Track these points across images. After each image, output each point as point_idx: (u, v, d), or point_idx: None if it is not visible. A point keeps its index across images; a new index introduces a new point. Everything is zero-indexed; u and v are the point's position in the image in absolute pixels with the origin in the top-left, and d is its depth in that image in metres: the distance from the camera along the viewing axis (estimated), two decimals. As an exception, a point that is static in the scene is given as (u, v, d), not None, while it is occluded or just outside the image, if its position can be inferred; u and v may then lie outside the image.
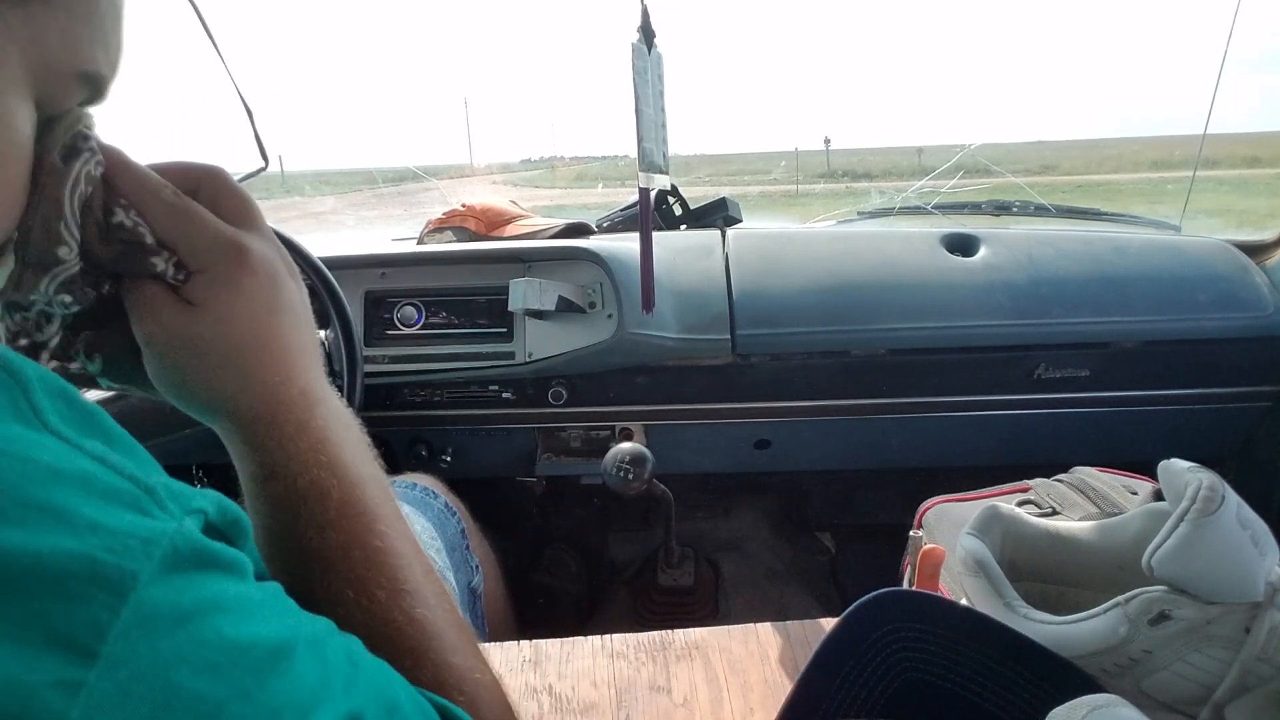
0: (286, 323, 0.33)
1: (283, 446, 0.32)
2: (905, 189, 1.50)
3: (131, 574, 0.19)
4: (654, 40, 0.88)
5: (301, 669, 0.23)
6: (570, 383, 1.12)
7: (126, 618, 0.18)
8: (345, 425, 0.35)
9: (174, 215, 0.30)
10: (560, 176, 7.26)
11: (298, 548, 0.31)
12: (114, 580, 0.18)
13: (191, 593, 0.20)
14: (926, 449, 1.22)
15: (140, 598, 0.19)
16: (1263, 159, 3.86)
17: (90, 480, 0.20)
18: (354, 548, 0.31)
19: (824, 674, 0.43)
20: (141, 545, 0.19)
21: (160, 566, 0.20)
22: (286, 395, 0.33)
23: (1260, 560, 0.39)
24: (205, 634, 0.20)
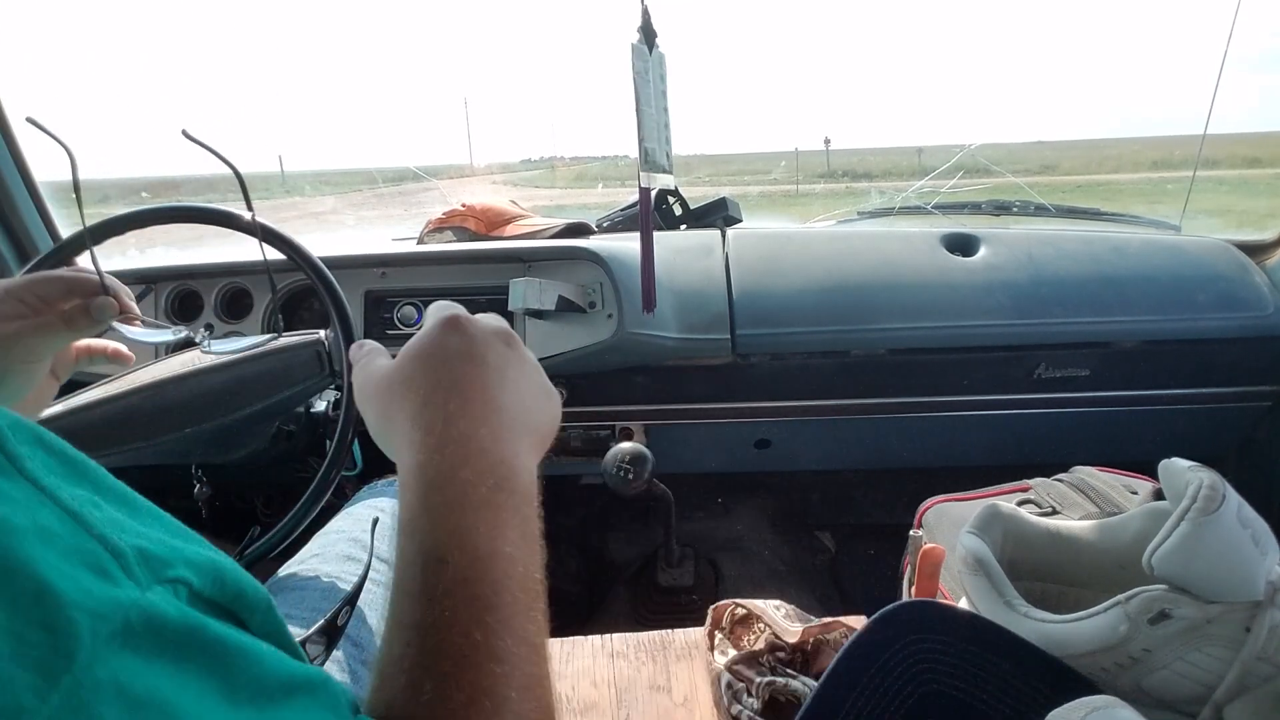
0: (475, 374, 0.34)
1: (421, 498, 0.30)
2: (905, 189, 1.50)
3: (66, 654, 0.16)
4: (655, 40, 0.88)
5: None
6: (570, 382, 1.12)
7: (54, 705, 0.16)
8: (503, 497, 0.31)
9: None
10: (560, 176, 7.24)
11: (402, 614, 0.28)
12: (44, 661, 0.16)
13: (147, 677, 0.17)
14: (926, 449, 1.22)
15: (76, 681, 0.16)
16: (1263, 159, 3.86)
17: (51, 537, 0.18)
18: (450, 630, 0.27)
19: (844, 682, 0.43)
20: (88, 619, 0.17)
21: (108, 643, 0.17)
22: (445, 436, 0.31)
23: (1260, 559, 0.39)
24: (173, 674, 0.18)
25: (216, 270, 1.13)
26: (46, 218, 1.21)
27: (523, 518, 0.32)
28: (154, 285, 1.13)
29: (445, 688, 0.26)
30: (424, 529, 0.29)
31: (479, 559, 0.29)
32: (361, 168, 2.54)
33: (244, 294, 1.14)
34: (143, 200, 1.33)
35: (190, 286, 1.14)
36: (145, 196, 2.29)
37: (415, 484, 0.31)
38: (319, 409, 0.90)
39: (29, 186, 1.18)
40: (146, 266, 1.14)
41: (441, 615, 0.27)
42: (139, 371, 0.77)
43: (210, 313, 1.12)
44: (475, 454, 0.31)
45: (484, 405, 0.33)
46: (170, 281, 1.13)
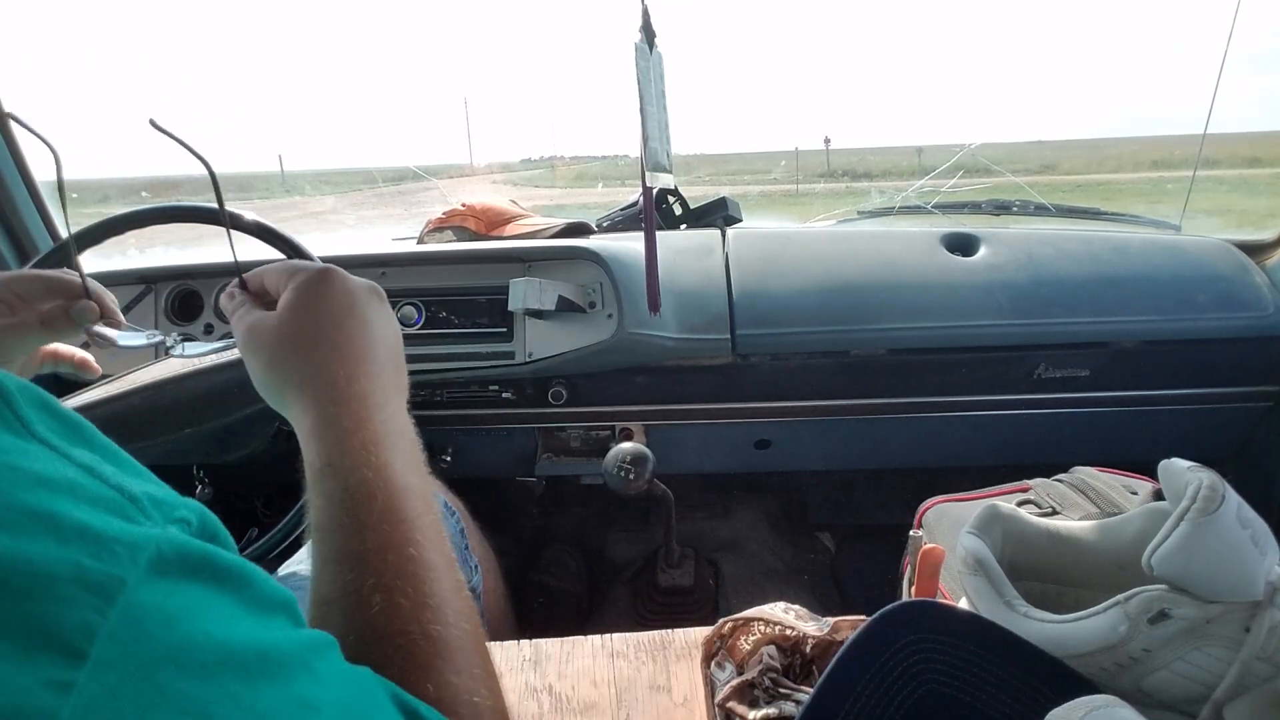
0: (359, 331, 0.39)
1: (339, 441, 0.35)
2: (905, 189, 1.50)
3: (118, 579, 0.19)
4: (655, 40, 0.88)
5: (293, 679, 0.23)
6: (570, 383, 1.12)
7: (114, 620, 0.18)
8: (401, 434, 0.37)
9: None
10: (560, 176, 7.25)
11: (340, 545, 0.33)
12: (101, 584, 0.19)
13: (179, 596, 0.21)
14: (926, 449, 1.22)
15: (128, 601, 0.19)
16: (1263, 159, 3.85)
17: (77, 488, 0.20)
18: (389, 553, 0.32)
19: (844, 682, 0.43)
20: (128, 551, 0.20)
21: (147, 571, 0.20)
22: (347, 393, 0.36)
23: (1260, 560, 0.39)
24: (193, 636, 0.20)
25: (216, 270, 1.13)
26: (46, 218, 1.21)
27: (415, 447, 0.38)
28: (154, 285, 1.13)
29: (393, 596, 0.31)
30: (347, 469, 0.34)
31: (399, 491, 0.34)
32: (361, 168, 2.54)
33: (244, 294, 1.14)
34: (143, 200, 1.33)
35: (190, 286, 1.14)
36: (145, 196, 2.29)
37: (329, 432, 0.36)
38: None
39: (29, 186, 1.18)
40: (146, 266, 1.14)
41: (379, 540, 0.32)
42: (139, 372, 0.77)
43: (210, 313, 1.12)
44: (375, 406, 0.37)
45: (370, 362, 0.39)
46: (170, 281, 1.13)
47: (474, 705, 0.31)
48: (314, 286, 0.40)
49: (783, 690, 0.54)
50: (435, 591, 0.32)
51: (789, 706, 0.53)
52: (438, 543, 0.34)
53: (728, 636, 0.61)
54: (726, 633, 0.61)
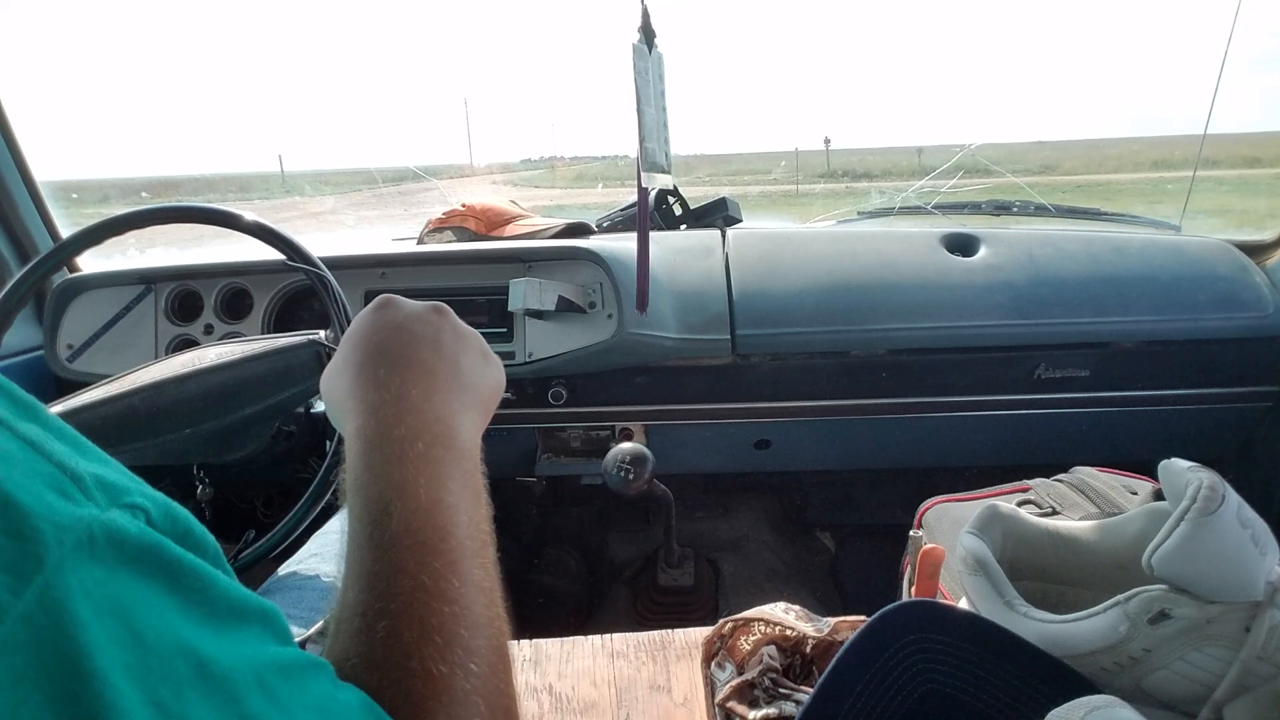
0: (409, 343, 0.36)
1: (363, 458, 0.32)
2: (905, 189, 1.50)
3: (36, 557, 0.18)
4: (654, 40, 0.88)
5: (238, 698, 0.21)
6: (570, 383, 1.12)
7: (28, 601, 0.17)
8: (453, 456, 0.34)
9: None
10: (560, 176, 7.25)
11: (355, 561, 0.30)
12: (15, 562, 0.17)
13: (110, 586, 0.19)
14: (926, 449, 1.22)
15: (46, 582, 0.17)
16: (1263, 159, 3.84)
17: (12, 459, 0.19)
18: (400, 577, 0.29)
19: (844, 682, 0.43)
20: (53, 529, 0.18)
21: (73, 552, 0.18)
22: (382, 408, 0.34)
23: (1260, 560, 0.39)
24: (118, 631, 0.19)
25: (216, 270, 1.13)
26: (46, 218, 1.21)
27: (463, 471, 0.34)
28: (154, 285, 1.13)
29: (396, 626, 0.28)
30: (367, 484, 0.31)
31: (421, 509, 0.31)
32: (361, 168, 2.54)
33: (244, 294, 1.14)
34: (142, 200, 1.33)
35: (190, 287, 1.14)
36: (145, 196, 2.28)
37: (357, 445, 0.33)
38: (319, 409, 0.90)
39: (29, 186, 1.18)
40: (146, 266, 1.14)
41: (390, 562, 0.29)
42: (139, 372, 0.77)
43: (210, 313, 1.12)
44: (408, 412, 0.34)
45: (416, 368, 0.36)
46: (170, 281, 1.13)
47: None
48: (364, 313, 0.39)
49: (783, 690, 0.54)
50: (445, 627, 0.29)
51: (789, 706, 0.53)
52: (463, 568, 0.30)
53: (728, 636, 0.61)
54: (727, 633, 0.61)
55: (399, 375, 0.35)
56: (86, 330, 1.12)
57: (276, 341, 0.80)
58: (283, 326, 1.14)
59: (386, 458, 0.32)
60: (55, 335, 1.11)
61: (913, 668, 0.42)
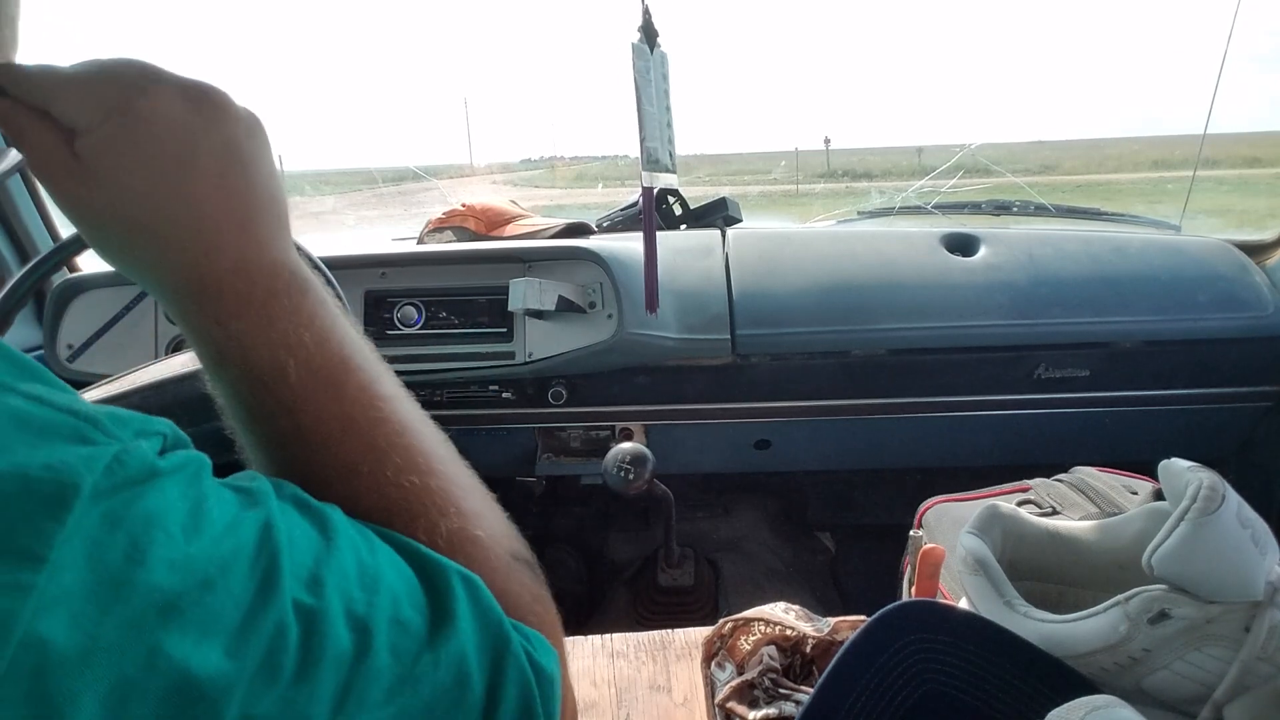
0: (203, 180, 0.27)
1: (221, 325, 0.28)
2: (905, 189, 1.50)
3: (73, 485, 0.19)
4: (657, 40, 0.88)
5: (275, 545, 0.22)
6: (570, 383, 1.12)
7: (71, 525, 0.18)
8: (306, 298, 0.30)
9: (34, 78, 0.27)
10: (560, 176, 7.25)
11: (267, 434, 0.29)
12: (54, 494, 0.18)
13: (144, 501, 0.20)
14: (926, 449, 1.22)
15: (84, 507, 0.19)
16: (1263, 159, 3.85)
17: (24, 417, 0.19)
18: (331, 423, 0.29)
19: (844, 682, 0.43)
20: (83, 461, 0.19)
21: (104, 476, 0.19)
22: (215, 269, 0.28)
23: (1260, 559, 0.39)
24: (158, 535, 0.20)
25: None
26: (46, 218, 1.21)
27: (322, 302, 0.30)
28: (154, 285, 1.13)
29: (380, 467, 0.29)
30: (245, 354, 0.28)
31: (313, 354, 0.29)
32: (361, 168, 2.54)
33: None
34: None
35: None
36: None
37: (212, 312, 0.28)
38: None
39: (29, 187, 1.18)
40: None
41: (311, 413, 0.29)
42: (139, 372, 0.77)
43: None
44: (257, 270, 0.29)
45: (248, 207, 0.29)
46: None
47: (475, 539, 0.30)
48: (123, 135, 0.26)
49: (783, 690, 0.54)
50: (393, 443, 0.29)
51: (789, 707, 0.53)
52: (386, 389, 0.31)
53: (728, 636, 0.61)
54: (726, 633, 0.61)
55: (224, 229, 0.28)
56: (86, 330, 1.12)
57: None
58: (283, 326, 1.14)
59: (259, 323, 0.28)
60: (55, 335, 1.11)
61: (913, 668, 0.42)
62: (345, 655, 0.22)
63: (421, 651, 0.24)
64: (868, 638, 0.44)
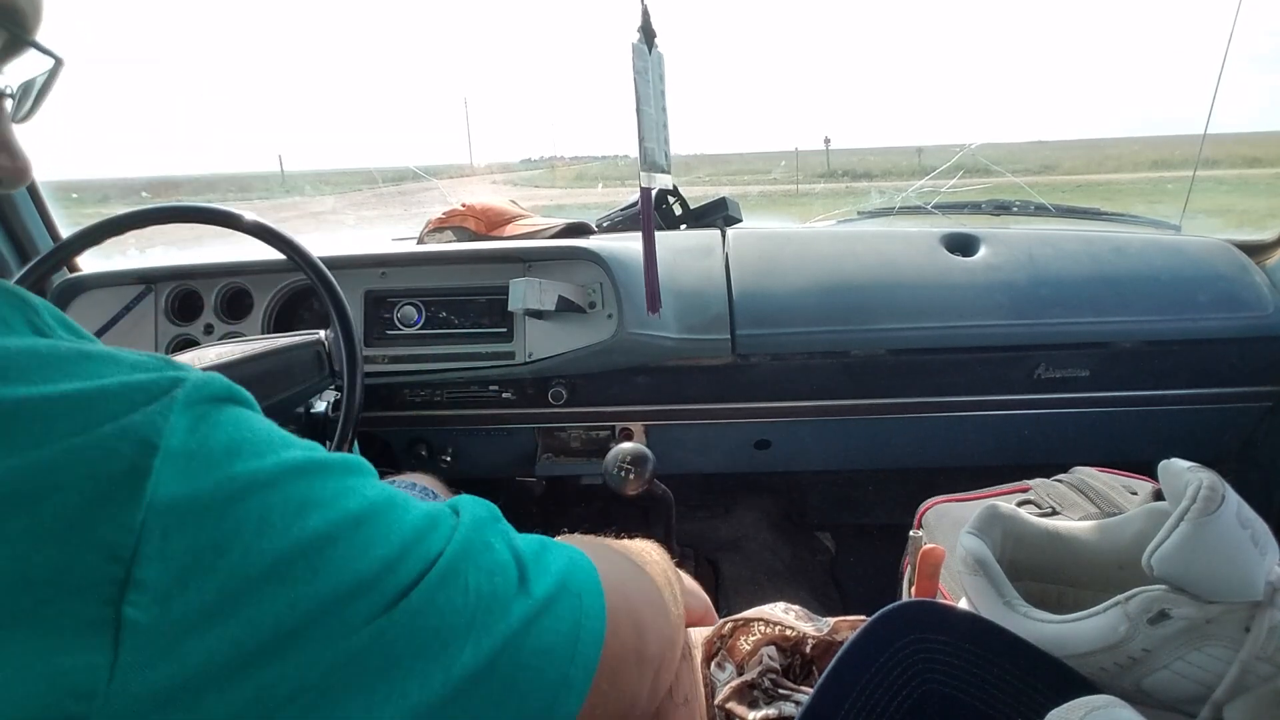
0: None
1: None
2: (905, 189, 1.50)
3: (174, 380, 0.24)
4: (654, 40, 0.88)
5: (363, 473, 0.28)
6: (570, 383, 1.12)
7: (176, 417, 0.23)
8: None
9: None
10: (560, 176, 7.25)
11: None
12: (159, 393, 0.23)
13: (231, 409, 0.25)
14: (926, 449, 1.22)
15: (186, 398, 0.24)
16: (1263, 159, 3.85)
17: (115, 356, 0.24)
18: None
19: (844, 682, 0.43)
20: (174, 370, 0.25)
21: (199, 382, 0.24)
22: None
23: (1260, 559, 0.39)
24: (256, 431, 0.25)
25: (216, 270, 1.13)
26: (46, 218, 1.21)
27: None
28: (154, 285, 1.13)
29: None
30: None
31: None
32: (361, 168, 2.54)
33: (244, 294, 1.14)
34: (143, 200, 1.33)
35: (190, 286, 1.14)
36: (145, 196, 2.28)
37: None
38: (319, 409, 0.90)
39: (29, 186, 1.18)
40: (146, 266, 1.14)
41: None
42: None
43: (210, 313, 1.12)
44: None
45: None
46: (170, 281, 1.13)
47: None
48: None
49: (783, 691, 0.54)
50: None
51: (789, 707, 0.52)
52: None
53: (728, 637, 0.61)
54: (726, 633, 0.61)
55: None
56: (86, 330, 1.12)
57: (276, 341, 0.80)
58: (283, 326, 1.14)
59: None
60: (55, 335, 1.11)
61: (913, 668, 0.42)
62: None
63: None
64: (868, 638, 0.44)
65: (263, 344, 0.80)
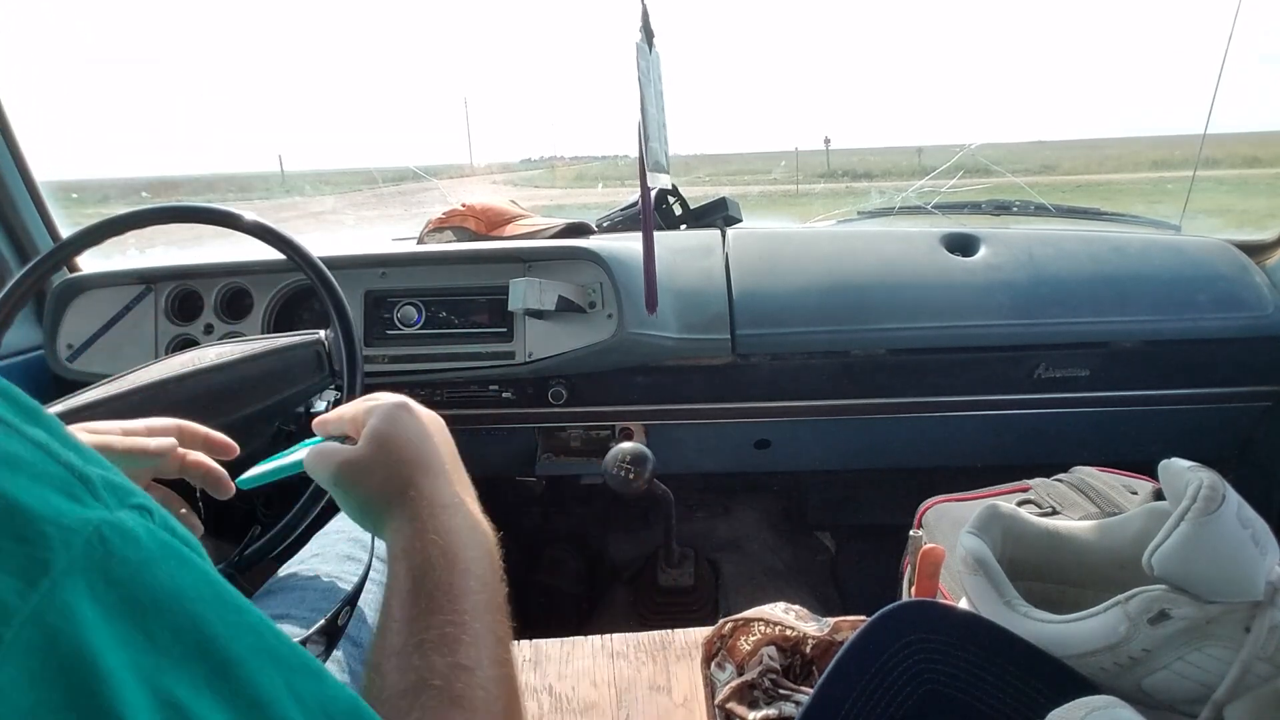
0: (432, 450, 0.46)
1: (404, 534, 0.40)
2: (905, 189, 1.50)
3: (43, 562, 0.18)
4: (653, 40, 0.88)
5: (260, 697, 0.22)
6: (570, 383, 1.12)
7: (35, 604, 0.18)
8: (471, 528, 0.42)
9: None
10: (560, 176, 7.24)
11: (401, 614, 0.36)
12: (24, 568, 0.18)
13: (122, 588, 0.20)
14: (926, 449, 1.22)
15: (55, 584, 0.18)
16: (1263, 159, 3.84)
17: (20, 462, 0.19)
18: (435, 616, 0.36)
19: (844, 682, 0.43)
20: (60, 533, 0.19)
21: (82, 555, 0.19)
22: (425, 500, 0.42)
23: (1260, 559, 0.39)
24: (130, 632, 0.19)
25: (216, 270, 1.13)
26: (46, 218, 1.21)
27: (484, 543, 0.42)
28: (154, 285, 1.13)
29: (428, 654, 0.34)
30: (416, 551, 0.39)
31: (458, 571, 0.38)
32: (361, 168, 2.53)
33: (244, 294, 1.14)
34: (142, 200, 1.33)
35: (190, 286, 1.14)
36: (145, 196, 2.28)
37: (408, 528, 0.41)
38: (319, 409, 0.90)
39: (29, 186, 1.18)
40: (146, 266, 1.14)
41: (428, 606, 0.36)
42: (139, 371, 0.77)
43: (210, 313, 1.12)
44: (445, 506, 0.43)
45: (441, 474, 0.45)
46: (170, 281, 1.13)
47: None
48: (395, 419, 0.46)
49: (783, 690, 0.54)
50: (471, 657, 0.35)
51: (789, 707, 0.53)
52: (486, 618, 0.38)
53: (728, 637, 0.61)
54: (727, 633, 0.61)
55: (436, 479, 0.44)
56: (86, 330, 1.12)
57: (276, 341, 0.80)
58: (283, 326, 1.14)
59: (435, 531, 0.40)
60: (55, 335, 1.11)
61: (913, 668, 0.42)
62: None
63: None
64: (868, 638, 0.44)
65: (263, 344, 0.80)
